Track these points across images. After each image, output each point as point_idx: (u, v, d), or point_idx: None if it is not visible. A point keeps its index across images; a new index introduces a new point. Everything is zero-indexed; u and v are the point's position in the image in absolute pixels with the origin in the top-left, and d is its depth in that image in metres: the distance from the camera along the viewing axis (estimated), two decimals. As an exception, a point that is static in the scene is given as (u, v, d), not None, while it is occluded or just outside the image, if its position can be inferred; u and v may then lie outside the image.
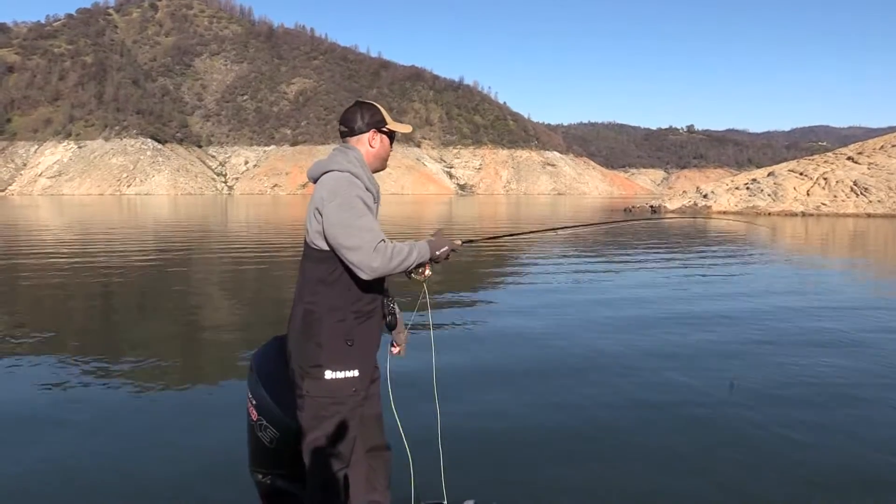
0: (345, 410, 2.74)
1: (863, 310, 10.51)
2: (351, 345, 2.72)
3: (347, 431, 2.76)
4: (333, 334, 2.71)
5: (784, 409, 5.63)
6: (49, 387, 6.25)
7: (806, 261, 18.97)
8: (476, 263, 17.15)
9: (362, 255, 2.58)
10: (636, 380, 6.50)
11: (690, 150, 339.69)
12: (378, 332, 2.86)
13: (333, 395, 2.71)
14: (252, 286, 13.90)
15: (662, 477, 4.32)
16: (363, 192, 2.71)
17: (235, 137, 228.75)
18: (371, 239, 2.59)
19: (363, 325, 2.76)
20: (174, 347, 8.10)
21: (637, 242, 24.61)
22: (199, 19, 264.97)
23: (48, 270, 15.69)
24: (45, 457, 4.60)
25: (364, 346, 2.77)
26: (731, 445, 4.85)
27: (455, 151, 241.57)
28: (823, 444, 4.86)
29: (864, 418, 5.44)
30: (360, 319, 2.74)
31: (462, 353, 7.57)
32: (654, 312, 10.17)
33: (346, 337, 2.72)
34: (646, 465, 4.49)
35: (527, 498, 3.95)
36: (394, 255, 2.62)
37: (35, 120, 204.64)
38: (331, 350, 2.71)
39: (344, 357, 2.72)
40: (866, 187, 48.18)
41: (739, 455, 4.66)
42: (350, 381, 2.73)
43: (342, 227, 2.62)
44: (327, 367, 2.70)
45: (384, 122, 2.88)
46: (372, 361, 2.86)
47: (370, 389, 2.90)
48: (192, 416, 5.45)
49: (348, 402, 2.74)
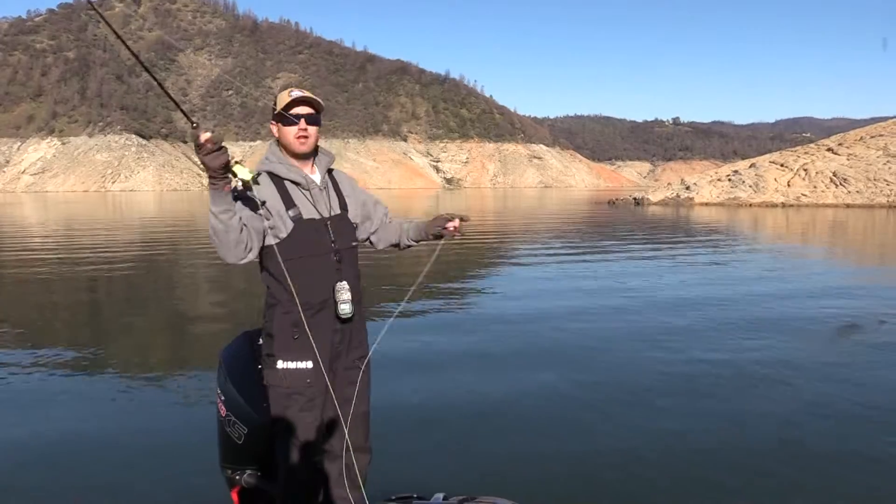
0: (302, 401, 2.71)
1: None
2: (297, 337, 2.67)
3: (311, 424, 2.73)
4: (281, 325, 2.69)
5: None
6: (30, 375, 6.43)
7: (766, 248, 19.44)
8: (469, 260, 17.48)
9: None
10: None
11: (676, 143, 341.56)
12: (333, 325, 2.76)
13: (287, 386, 2.69)
14: (237, 281, 14.13)
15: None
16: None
17: (221, 133, 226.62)
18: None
19: (313, 318, 2.68)
20: (159, 342, 8.29)
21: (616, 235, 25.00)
22: (183, 14, 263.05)
23: (31, 266, 15.88)
24: (26, 445, 4.72)
25: (314, 338, 2.67)
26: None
27: (442, 145, 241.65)
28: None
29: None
30: (308, 312, 2.67)
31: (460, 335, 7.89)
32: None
33: (294, 328, 2.67)
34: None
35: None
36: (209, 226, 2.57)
37: (17, 116, 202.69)
38: (280, 341, 2.70)
39: (293, 348, 2.69)
40: (845, 178, 48.87)
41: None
42: (302, 373, 2.69)
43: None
44: (279, 356, 2.70)
45: (274, 108, 2.79)
46: (332, 354, 2.77)
47: (348, 391, 2.85)
48: (170, 408, 5.58)
49: (305, 392, 2.70)
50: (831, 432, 4.92)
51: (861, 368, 6.58)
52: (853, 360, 6.90)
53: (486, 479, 4.12)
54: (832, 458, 4.47)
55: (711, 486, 4.09)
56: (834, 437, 4.84)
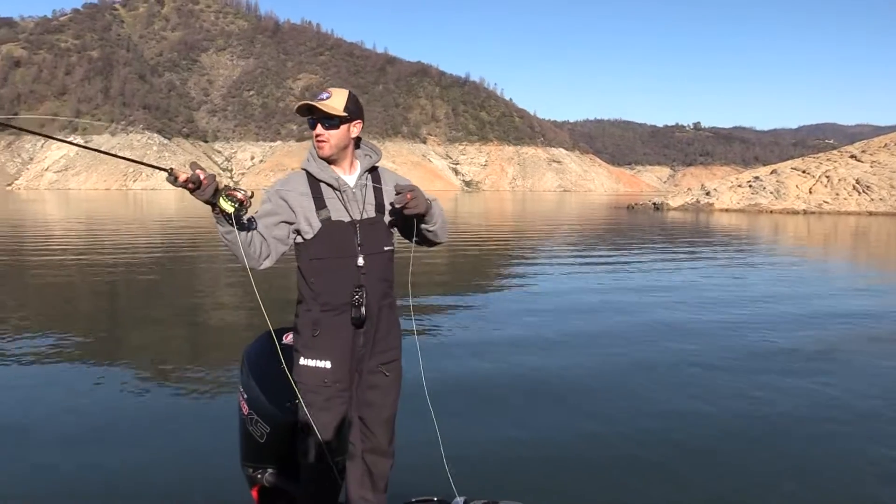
0: (319, 400, 2.71)
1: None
2: (316, 335, 2.70)
3: (326, 422, 2.73)
4: (303, 323, 2.75)
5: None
6: (54, 382, 6.37)
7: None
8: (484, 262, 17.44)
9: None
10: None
11: (697, 148, 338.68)
12: (354, 329, 2.75)
13: (306, 382, 2.71)
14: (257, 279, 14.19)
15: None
16: (279, 188, 2.74)
17: (241, 133, 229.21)
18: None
19: (333, 319, 2.71)
20: (177, 341, 8.34)
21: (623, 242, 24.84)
22: (206, 14, 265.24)
23: (54, 265, 16.05)
24: (44, 451, 4.65)
25: (333, 339, 2.71)
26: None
27: (461, 148, 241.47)
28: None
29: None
30: (327, 312, 2.70)
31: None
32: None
33: (313, 327, 2.71)
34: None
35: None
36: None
37: (42, 114, 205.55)
38: (302, 337, 2.75)
39: (312, 345, 2.72)
40: (868, 185, 48.28)
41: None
42: (320, 371, 2.70)
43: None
44: (301, 353, 2.74)
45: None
46: (351, 357, 2.76)
47: (371, 395, 2.84)
48: (190, 405, 5.59)
49: (322, 392, 2.71)
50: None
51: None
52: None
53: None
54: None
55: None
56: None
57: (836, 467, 4.48)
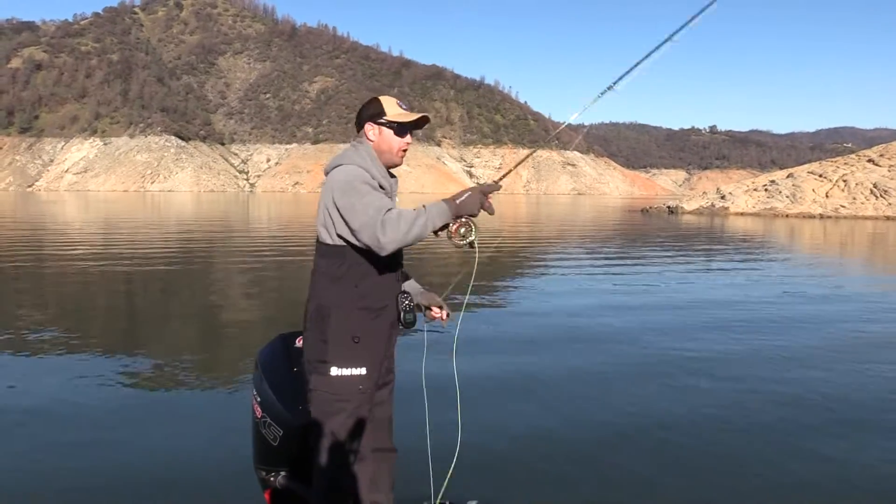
0: (350, 408, 2.70)
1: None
2: (357, 342, 2.67)
3: (353, 429, 2.74)
4: (340, 331, 2.67)
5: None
6: (71, 378, 6.43)
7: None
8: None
9: (370, 232, 2.50)
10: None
11: (713, 151, 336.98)
12: (389, 331, 2.79)
13: (339, 393, 2.68)
14: (273, 284, 14.41)
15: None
16: (369, 179, 2.66)
17: (258, 135, 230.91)
18: (375, 213, 2.51)
19: (372, 323, 2.70)
20: (195, 343, 8.41)
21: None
22: (224, 18, 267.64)
23: (75, 263, 16.34)
24: (57, 446, 4.67)
25: (372, 345, 2.72)
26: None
27: (475, 151, 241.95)
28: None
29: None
30: (368, 316, 2.69)
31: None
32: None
33: (353, 334, 2.67)
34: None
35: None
36: (401, 221, 2.49)
37: (62, 117, 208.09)
38: (337, 347, 2.67)
39: (350, 354, 2.67)
40: (886, 189, 47.90)
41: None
42: (356, 379, 2.69)
43: (347, 211, 2.57)
44: (333, 363, 2.67)
45: (382, 113, 2.80)
46: (382, 361, 2.80)
47: (381, 393, 2.87)
48: (206, 411, 5.52)
49: (354, 399, 2.70)
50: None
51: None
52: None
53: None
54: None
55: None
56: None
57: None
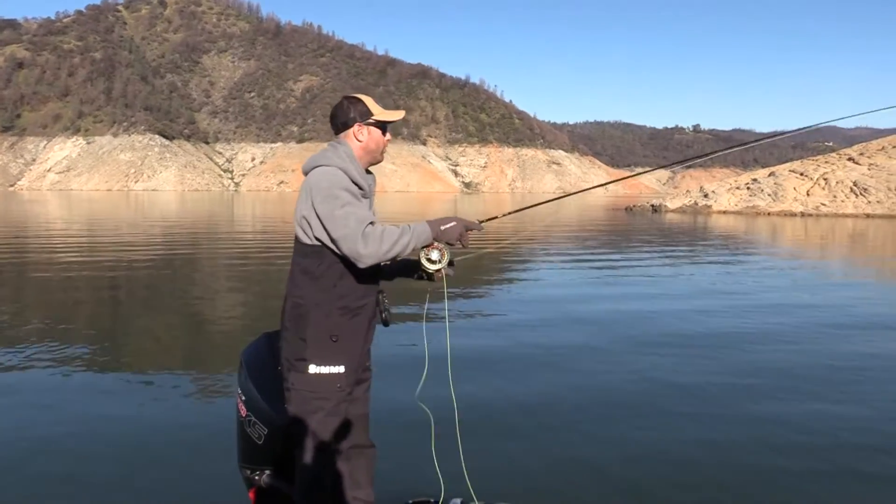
0: (329, 406, 2.72)
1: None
2: (336, 340, 2.70)
3: (332, 427, 2.76)
4: (318, 329, 2.69)
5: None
6: (51, 376, 6.46)
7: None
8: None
9: (350, 244, 2.53)
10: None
11: (696, 150, 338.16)
12: (367, 330, 2.83)
13: (317, 390, 2.70)
14: (257, 281, 14.48)
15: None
16: (348, 185, 2.66)
17: (242, 134, 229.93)
18: (356, 226, 2.54)
19: (351, 322, 2.73)
20: (177, 343, 8.45)
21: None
22: (208, 16, 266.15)
23: (56, 263, 16.33)
24: (38, 446, 4.65)
25: (351, 343, 2.75)
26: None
27: (460, 149, 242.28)
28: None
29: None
30: (346, 316, 2.72)
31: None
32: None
33: (331, 332, 2.69)
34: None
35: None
36: (384, 237, 2.54)
37: (44, 115, 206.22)
38: (315, 345, 2.69)
39: (328, 352, 2.70)
40: (866, 188, 48.54)
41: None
42: (335, 377, 2.71)
43: (328, 219, 2.58)
44: (311, 361, 2.69)
45: (369, 113, 2.81)
46: (360, 359, 2.83)
47: (357, 391, 2.89)
48: (190, 411, 5.49)
49: (332, 397, 2.72)
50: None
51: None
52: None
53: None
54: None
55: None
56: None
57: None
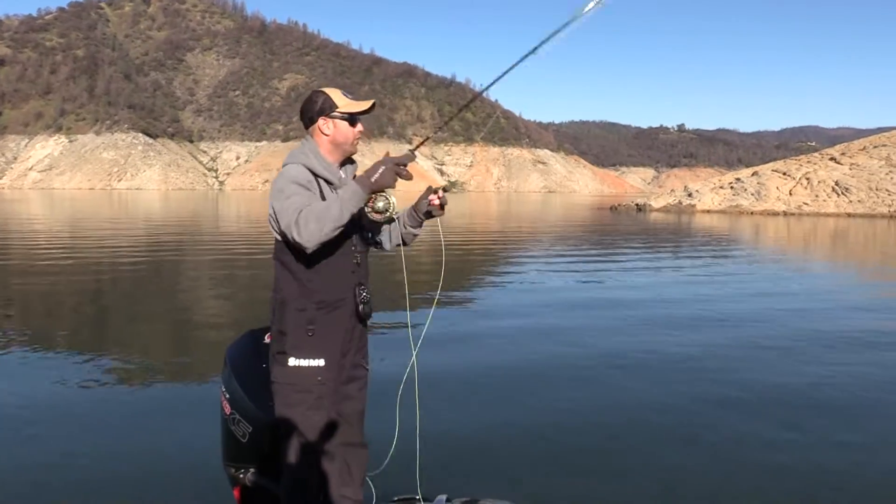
0: (310, 399, 2.71)
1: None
2: (311, 334, 2.69)
3: (316, 423, 2.74)
4: (295, 323, 2.69)
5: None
6: (41, 380, 6.33)
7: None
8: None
9: (292, 233, 2.51)
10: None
11: (681, 150, 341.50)
12: (350, 324, 2.80)
13: (297, 383, 2.70)
14: (244, 281, 14.45)
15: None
16: (300, 178, 2.64)
17: (227, 133, 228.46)
18: (292, 214, 2.52)
19: (328, 316, 2.72)
20: (163, 342, 8.42)
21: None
22: (192, 14, 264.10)
23: (39, 264, 16.21)
24: (33, 450, 4.59)
25: (328, 337, 2.73)
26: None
27: (446, 149, 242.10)
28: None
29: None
30: (324, 310, 2.71)
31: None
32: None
33: (308, 326, 2.69)
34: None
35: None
36: (316, 217, 2.49)
37: (26, 114, 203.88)
38: (293, 338, 2.70)
39: (306, 345, 2.69)
40: (847, 187, 49.12)
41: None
42: (315, 370, 2.70)
43: (278, 213, 2.59)
44: (290, 354, 2.69)
45: (334, 106, 2.77)
46: (342, 353, 2.80)
47: (350, 388, 2.88)
48: (174, 411, 5.45)
49: (314, 390, 2.71)
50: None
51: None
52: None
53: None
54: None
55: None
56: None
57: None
